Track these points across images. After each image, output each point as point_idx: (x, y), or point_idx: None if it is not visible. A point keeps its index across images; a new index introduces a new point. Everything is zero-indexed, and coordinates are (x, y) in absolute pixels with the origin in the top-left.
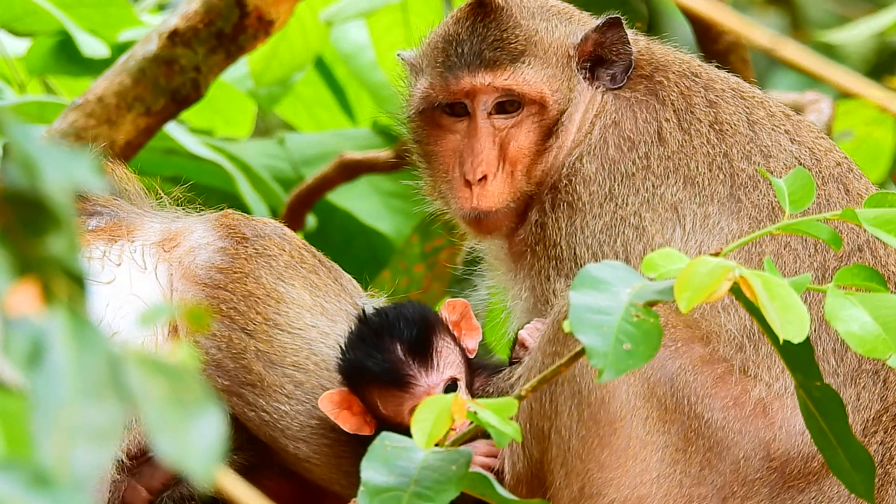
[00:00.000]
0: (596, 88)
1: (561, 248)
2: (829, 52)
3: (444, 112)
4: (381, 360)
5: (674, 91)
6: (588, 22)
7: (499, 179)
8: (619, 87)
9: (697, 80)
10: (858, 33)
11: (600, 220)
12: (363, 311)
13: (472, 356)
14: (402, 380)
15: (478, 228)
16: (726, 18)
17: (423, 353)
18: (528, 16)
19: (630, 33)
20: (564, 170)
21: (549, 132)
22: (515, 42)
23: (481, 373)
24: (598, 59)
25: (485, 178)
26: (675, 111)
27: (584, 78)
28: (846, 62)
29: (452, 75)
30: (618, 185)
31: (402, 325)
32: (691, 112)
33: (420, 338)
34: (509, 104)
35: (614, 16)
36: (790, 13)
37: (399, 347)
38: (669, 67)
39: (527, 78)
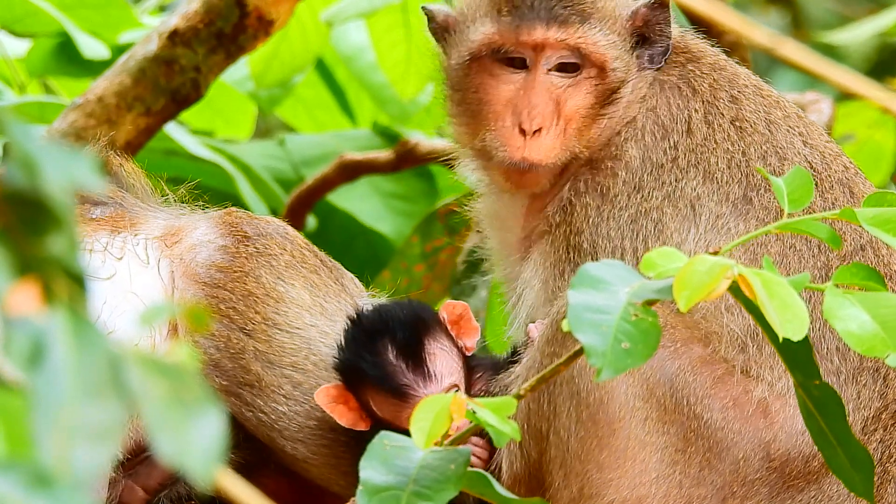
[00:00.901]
0: (639, 68)
1: (583, 236)
2: (830, 51)
3: (500, 62)
4: (373, 363)
5: (704, 82)
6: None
7: (552, 134)
8: (657, 70)
9: (723, 73)
10: (860, 33)
11: (626, 211)
12: (356, 310)
13: (469, 353)
14: (400, 389)
15: (519, 180)
16: (726, 18)
17: (416, 356)
18: None
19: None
20: (611, 149)
21: (605, 99)
22: (584, 3)
23: (480, 372)
24: (641, 37)
25: (539, 130)
26: (702, 102)
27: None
28: (847, 62)
29: (525, 25)
30: (647, 175)
31: (393, 326)
32: (716, 106)
33: (412, 339)
34: (569, 64)
35: None
36: (791, 12)
37: (390, 348)
38: (702, 58)
39: (596, 39)
